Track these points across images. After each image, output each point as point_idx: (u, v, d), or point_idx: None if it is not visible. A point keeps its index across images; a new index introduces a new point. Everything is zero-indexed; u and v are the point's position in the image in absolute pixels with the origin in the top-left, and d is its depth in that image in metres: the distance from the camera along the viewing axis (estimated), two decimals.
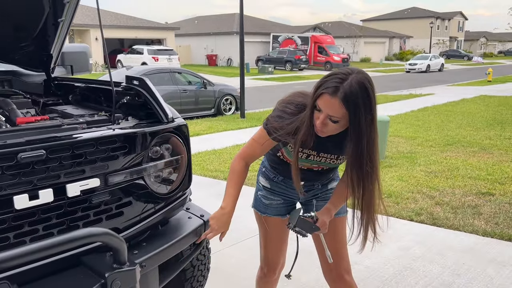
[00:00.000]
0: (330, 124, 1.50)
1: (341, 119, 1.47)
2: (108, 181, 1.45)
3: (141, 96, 1.76)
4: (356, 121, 1.45)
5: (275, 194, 1.95)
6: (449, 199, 4.40)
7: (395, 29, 54.48)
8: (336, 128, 1.52)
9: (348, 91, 1.42)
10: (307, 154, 1.73)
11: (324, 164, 1.78)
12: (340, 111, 1.44)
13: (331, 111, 1.46)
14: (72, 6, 2.10)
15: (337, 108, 1.44)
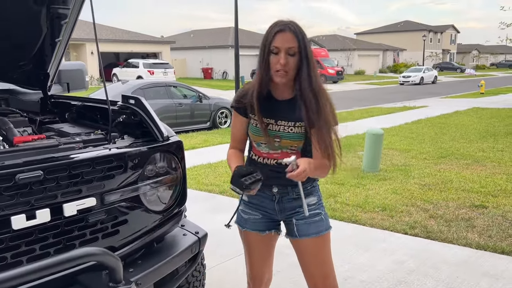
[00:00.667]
0: (290, 60, 1.71)
1: (296, 51, 1.71)
2: (104, 200, 1.47)
3: (137, 115, 1.79)
4: (305, 47, 1.72)
5: (252, 208, 1.97)
6: (443, 212, 4.44)
7: (388, 42, 55.07)
8: (295, 62, 1.72)
9: (294, 25, 1.73)
10: (266, 123, 1.82)
11: (284, 137, 1.82)
12: (294, 41, 1.70)
13: (288, 43, 1.70)
14: (70, 26, 2.14)
15: (291, 39, 1.70)
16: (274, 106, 1.83)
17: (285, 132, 1.81)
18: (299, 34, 1.71)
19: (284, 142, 1.82)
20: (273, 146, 1.84)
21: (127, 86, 10.96)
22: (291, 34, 1.71)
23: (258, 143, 1.87)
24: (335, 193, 5.17)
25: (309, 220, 1.91)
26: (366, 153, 6.30)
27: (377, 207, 4.61)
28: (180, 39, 40.77)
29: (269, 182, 1.86)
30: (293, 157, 1.71)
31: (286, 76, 1.74)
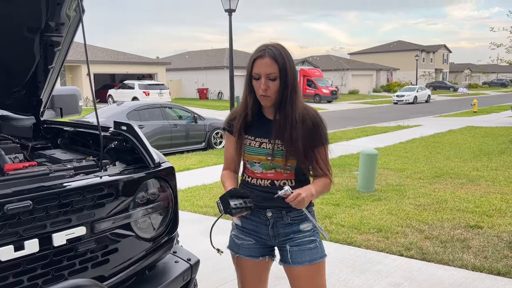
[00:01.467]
0: (271, 84, 1.75)
1: (276, 75, 1.75)
2: (95, 228, 1.46)
3: (128, 141, 1.79)
4: (285, 71, 1.75)
5: (245, 233, 1.95)
6: (438, 232, 4.42)
7: (382, 62, 55.75)
8: (275, 87, 1.76)
9: (273, 49, 1.76)
10: (259, 142, 1.85)
11: (277, 155, 1.83)
12: (273, 66, 1.74)
13: (267, 69, 1.74)
14: (63, 53, 2.16)
15: (270, 64, 1.74)
16: (266, 125, 1.86)
17: (278, 150, 1.82)
18: (278, 58, 1.75)
19: (277, 160, 1.83)
20: (267, 165, 1.85)
21: (122, 108, 10.99)
22: (269, 59, 1.74)
23: (251, 162, 1.88)
24: (330, 214, 5.15)
25: (304, 247, 1.88)
26: (361, 173, 6.31)
27: (372, 228, 4.59)
28: (176, 60, 41.10)
29: (263, 205, 1.85)
30: (286, 187, 1.73)
31: (270, 99, 1.79)
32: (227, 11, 10.99)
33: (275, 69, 1.74)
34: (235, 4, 10.94)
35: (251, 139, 1.88)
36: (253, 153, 1.86)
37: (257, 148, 1.86)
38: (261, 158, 1.85)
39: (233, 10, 11.01)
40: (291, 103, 1.79)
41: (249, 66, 1.79)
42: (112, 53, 31.13)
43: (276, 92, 1.77)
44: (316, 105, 30.78)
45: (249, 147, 1.87)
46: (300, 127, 1.78)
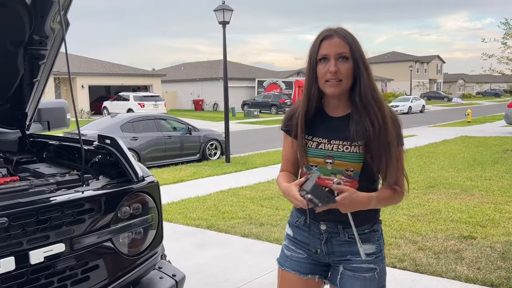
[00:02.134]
0: (342, 66, 1.52)
1: (348, 56, 1.53)
2: (74, 245, 1.43)
3: (112, 155, 1.77)
4: (358, 52, 1.54)
5: (297, 245, 1.72)
6: (431, 243, 4.40)
7: (376, 73, 55.99)
8: (348, 69, 1.53)
9: (342, 29, 1.57)
10: (317, 142, 1.62)
11: (338, 158, 1.58)
12: (345, 46, 1.52)
13: (338, 48, 1.52)
14: (48, 66, 2.14)
15: (341, 44, 1.52)
16: (327, 123, 1.63)
17: (339, 151, 1.57)
18: (349, 38, 1.54)
19: (338, 164, 1.58)
20: (325, 169, 1.60)
21: (116, 120, 10.96)
22: (339, 39, 1.54)
23: (308, 166, 1.63)
24: None
25: (359, 274, 1.62)
26: None
27: None
28: (171, 72, 41.21)
29: (317, 217, 1.62)
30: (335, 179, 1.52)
31: (339, 85, 1.54)
32: (221, 23, 11.04)
33: (347, 49, 1.53)
34: (229, 17, 11.00)
35: (308, 138, 1.63)
36: (309, 155, 1.62)
37: (314, 149, 1.62)
38: (318, 161, 1.60)
39: (227, 22, 11.06)
40: (370, 84, 1.55)
41: (315, 48, 1.56)
42: (107, 65, 31.18)
43: (349, 76, 1.53)
44: None
45: (306, 148, 1.63)
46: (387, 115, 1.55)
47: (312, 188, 1.43)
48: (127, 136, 10.41)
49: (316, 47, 1.56)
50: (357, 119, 1.56)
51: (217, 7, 10.94)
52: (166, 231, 5.24)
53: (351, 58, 1.53)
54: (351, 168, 1.57)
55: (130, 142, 10.37)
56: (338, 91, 1.55)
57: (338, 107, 1.62)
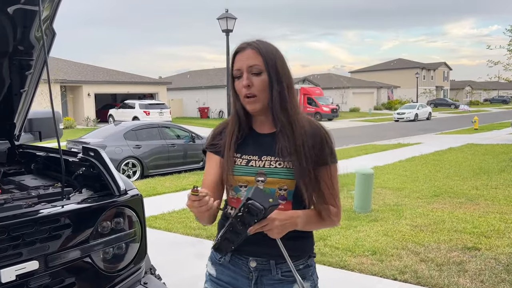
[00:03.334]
0: (255, 80, 1.42)
1: (262, 68, 1.42)
2: (49, 262, 1.38)
3: (95, 167, 1.72)
4: (272, 64, 1.43)
5: (219, 286, 1.52)
6: (434, 255, 4.30)
7: (382, 80, 55.99)
8: (262, 83, 1.43)
9: (256, 41, 1.46)
10: (247, 159, 1.47)
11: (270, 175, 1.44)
12: (257, 58, 1.42)
13: (249, 60, 1.43)
14: (35, 76, 2.11)
15: (253, 56, 1.42)
16: (256, 140, 1.51)
17: (272, 167, 1.43)
18: (262, 49, 1.43)
19: (270, 182, 1.43)
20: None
21: (119, 128, 10.97)
22: (252, 50, 1.44)
23: (236, 187, 1.47)
24: (325, 235, 5.03)
25: None
26: (357, 193, 6.21)
27: (367, 251, 4.47)
28: (177, 80, 41.39)
29: (245, 249, 1.43)
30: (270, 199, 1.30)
31: (256, 101, 1.43)
32: (225, 31, 11.07)
33: (259, 61, 1.42)
34: (232, 25, 11.02)
35: (237, 156, 1.49)
36: (238, 173, 1.46)
37: (244, 166, 1.46)
38: (249, 180, 1.44)
39: (230, 30, 11.08)
40: (292, 105, 1.44)
41: (231, 65, 1.48)
42: (113, 73, 31.37)
43: (264, 89, 1.43)
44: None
45: (234, 167, 1.47)
46: (302, 139, 1.43)
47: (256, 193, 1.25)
48: (130, 144, 10.41)
49: (231, 63, 1.48)
50: (280, 137, 1.46)
51: (221, 15, 10.97)
52: (166, 240, 5.21)
53: (265, 71, 1.43)
54: (285, 186, 1.43)
55: (134, 150, 10.37)
56: (257, 108, 1.45)
57: (265, 123, 1.52)
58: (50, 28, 1.88)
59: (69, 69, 29.16)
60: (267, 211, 1.24)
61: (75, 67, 30.25)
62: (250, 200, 1.22)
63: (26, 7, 1.64)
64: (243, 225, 1.24)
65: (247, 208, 1.22)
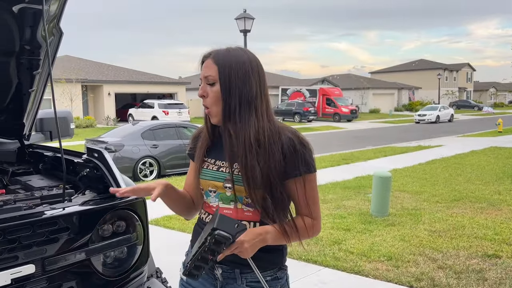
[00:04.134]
0: (210, 90, 1.39)
1: (215, 79, 1.38)
2: (46, 266, 1.35)
3: (99, 169, 1.69)
4: (226, 74, 1.38)
5: None
6: (452, 262, 4.17)
7: (403, 81, 55.19)
8: (214, 94, 1.38)
9: (221, 51, 1.42)
10: (218, 165, 1.44)
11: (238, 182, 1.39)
12: (212, 68, 1.38)
13: (206, 70, 1.40)
14: (44, 76, 2.10)
15: (210, 66, 1.39)
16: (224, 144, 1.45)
17: (239, 175, 1.38)
18: (221, 60, 1.39)
19: (237, 189, 1.38)
20: (224, 195, 1.42)
21: (137, 127, 11.06)
22: (210, 60, 1.41)
23: (206, 191, 1.47)
24: (339, 239, 4.94)
25: None
26: (374, 196, 6.08)
27: (382, 256, 4.36)
28: (197, 80, 41.64)
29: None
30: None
31: (210, 112, 1.41)
32: (242, 31, 11.04)
33: (214, 72, 1.38)
34: (250, 25, 10.97)
35: (210, 162, 1.47)
36: (208, 178, 1.45)
37: (214, 171, 1.44)
38: (217, 185, 1.43)
39: (248, 30, 11.04)
40: (240, 118, 1.37)
41: None
42: (134, 73, 31.74)
43: (215, 101, 1.39)
44: (335, 124, 30.51)
45: (205, 170, 1.46)
46: (259, 151, 1.35)
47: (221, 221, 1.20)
48: (147, 144, 10.48)
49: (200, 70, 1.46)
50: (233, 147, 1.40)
51: (238, 15, 10.95)
52: (179, 241, 5.19)
53: (218, 81, 1.38)
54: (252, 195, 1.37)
55: (151, 149, 10.43)
56: (214, 120, 1.42)
57: None
58: (57, 28, 1.86)
59: (91, 68, 29.63)
60: (234, 237, 1.22)
61: (96, 67, 30.72)
62: (216, 230, 1.18)
63: (31, 6, 1.63)
64: (212, 253, 1.22)
65: (213, 239, 1.19)
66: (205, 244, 1.20)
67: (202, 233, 1.26)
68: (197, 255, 1.23)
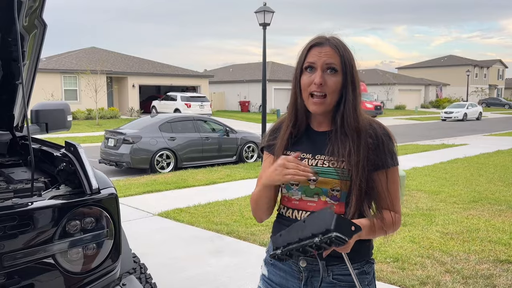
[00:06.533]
0: (329, 79, 1.36)
1: (338, 68, 1.37)
2: (4, 261, 1.34)
3: (73, 163, 1.67)
4: (349, 66, 1.38)
5: (271, 287, 1.49)
6: (461, 266, 4.01)
7: (431, 77, 53.89)
8: (335, 84, 1.37)
9: (335, 38, 1.41)
10: (300, 157, 1.41)
11: (322, 174, 1.38)
12: (335, 57, 1.37)
13: (327, 58, 1.36)
14: (31, 68, 2.09)
15: (331, 54, 1.37)
16: (312, 138, 1.46)
17: (325, 166, 1.38)
18: (341, 49, 1.38)
19: (322, 181, 1.37)
20: (308, 188, 1.40)
21: (155, 120, 11.15)
22: (331, 48, 1.37)
23: (287, 185, 1.44)
24: None
25: None
26: None
27: (389, 257, 4.25)
28: (220, 73, 41.74)
29: None
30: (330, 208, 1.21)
31: (323, 103, 1.37)
32: (262, 25, 10.95)
33: (337, 60, 1.36)
34: (270, 18, 10.87)
35: (290, 154, 1.44)
36: None
37: None
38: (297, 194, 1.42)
39: (267, 24, 10.95)
40: (354, 107, 1.38)
41: (302, 56, 1.40)
42: (158, 66, 32.01)
43: (335, 91, 1.37)
44: None
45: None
46: (363, 141, 1.37)
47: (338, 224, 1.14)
48: (165, 136, 10.55)
49: (304, 54, 1.40)
50: (334, 139, 1.40)
51: (258, 9, 10.86)
52: (185, 234, 5.20)
53: (340, 72, 1.37)
54: (337, 187, 1.37)
55: (168, 142, 10.50)
56: (321, 110, 1.39)
57: (324, 122, 1.46)
58: (40, 20, 1.85)
59: (116, 60, 30.04)
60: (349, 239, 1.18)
61: (121, 58, 31.11)
62: (333, 232, 1.13)
63: None
64: (318, 249, 1.19)
65: (328, 240, 1.14)
66: (314, 240, 1.16)
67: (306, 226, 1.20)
68: (299, 247, 1.20)
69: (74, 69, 25.76)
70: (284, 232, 1.26)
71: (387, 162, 1.38)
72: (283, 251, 1.23)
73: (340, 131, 1.39)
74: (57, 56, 29.44)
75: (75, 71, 25.54)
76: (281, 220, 1.48)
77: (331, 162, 1.38)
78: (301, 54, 1.41)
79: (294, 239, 1.21)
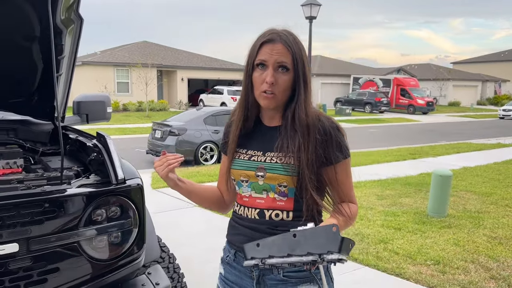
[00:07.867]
0: (281, 77, 1.36)
1: (290, 66, 1.37)
2: (31, 246, 1.40)
3: (102, 154, 1.73)
4: (301, 64, 1.38)
5: (227, 286, 1.50)
6: (508, 273, 3.79)
7: (489, 72, 51.06)
8: (286, 82, 1.37)
9: (287, 34, 1.39)
10: (250, 155, 1.44)
11: (270, 170, 1.39)
12: (286, 55, 1.36)
13: (279, 56, 1.35)
14: (69, 60, 2.18)
15: (283, 51, 1.36)
16: (263, 134, 1.46)
17: (272, 162, 1.39)
18: (293, 46, 1.37)
19: (270, 177, 1.38)
20: (257, 184, 1.40)
21: (200, 113, 11.34)
22: (282, 45, 1.36)
23: (238, 181, 1.46)
24: (387, 238, 4.70)
25: None
26: (432, 195, 5.71)
27: (430, 260, 4.09)
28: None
29: None
30: (310, 224, 1.19)
31: (273, 98, 1.37)
32: (308, 18, 10.81)
33: (289, 58, 1.35)
34: (316, 12, 10.71)
35: (242, 152, 1.47)
36: (240, 167, 1.44)
37: (245, 161, 1.44)
38: (249, 174, 1.41)
39: (314, 17, 10.80)
40: (305, 104, 1.38)
41: (253, 52, 1.39)
42: (206, 59, 32.50)
43: (286, 89, 1.37)
44: (409, 116, 29.11)
45: (237, 160, 1.46)
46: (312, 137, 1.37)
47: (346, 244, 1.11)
48: (209, 129, 10.71)
49: (255, 50, 1.39)
50: (283, 134, 1.40)
51: (305, 1, 10.72)
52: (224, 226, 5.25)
53: (292, 69, 1.37)
54: (284, 183, 1.37)
55: (212, 135, 10.65)
56: (273, 105, 1.39)
57: (275, 116, 1.46)
58: (77, 14, 1.91)
59: (166, 54, 30.79)
60: None
61: (171, 52, 31.85)
62: (337, 254, 1.10)
63: None
64: (313, 265, 1.15)
65: (330, 261, 1.11)
66: (310, 259, 1.13)
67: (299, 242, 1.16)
68: (287, 262, 1.16)
69: (126, 62, 26.67)
70: (262, 243, 1.20)
71: (336, 156, 1.38)
72: (267, 263, 1.18)
73: (290, 127, 1.39)
74: (110, 50, 30.61)
75: (127, 64, 26.44)
76: (234, 218, 1.50)
77: (279, 158, 1.39)
78: (252, 50, 1.40)
79: (281, 253, 1.16)
